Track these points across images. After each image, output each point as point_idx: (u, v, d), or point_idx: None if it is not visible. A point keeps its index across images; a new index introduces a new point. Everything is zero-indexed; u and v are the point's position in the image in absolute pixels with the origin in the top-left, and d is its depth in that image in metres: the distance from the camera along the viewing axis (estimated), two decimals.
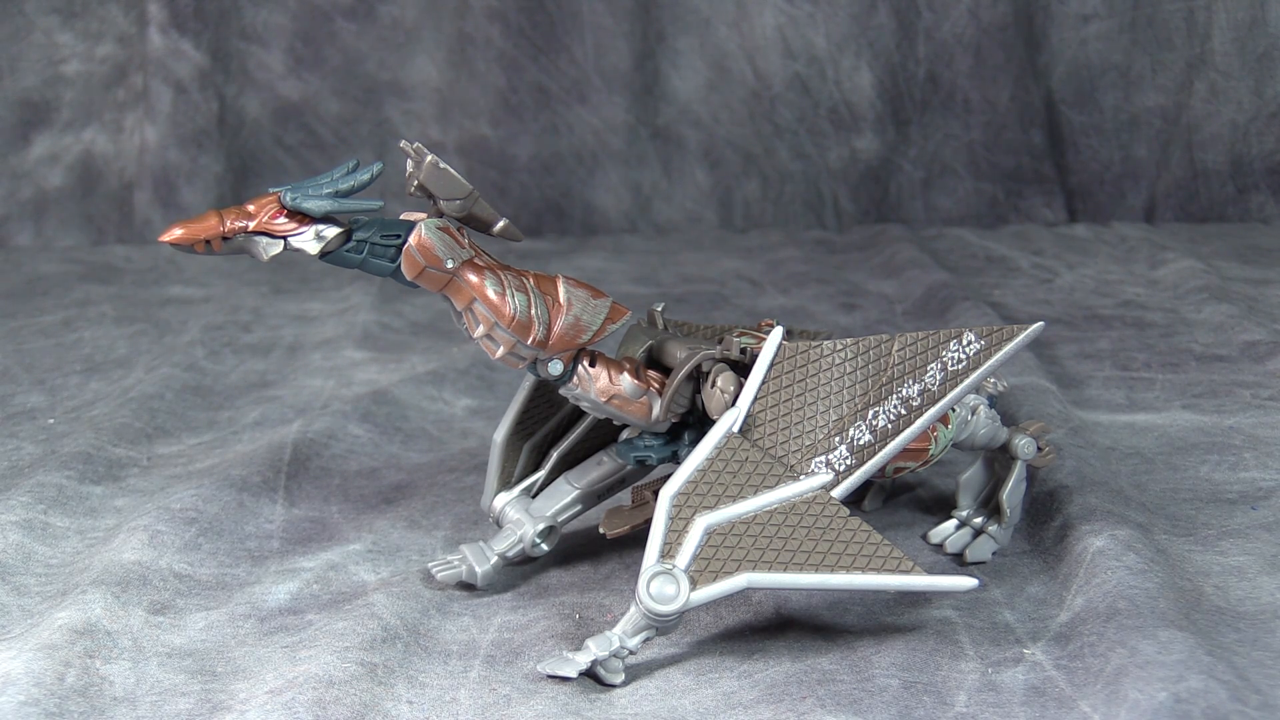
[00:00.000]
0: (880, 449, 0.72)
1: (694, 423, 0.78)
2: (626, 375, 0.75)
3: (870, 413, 0.73)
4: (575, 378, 0.75)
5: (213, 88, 1.93)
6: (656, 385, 0.76)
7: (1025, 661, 0.70)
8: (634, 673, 0.70)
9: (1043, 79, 1.99)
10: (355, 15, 1.96)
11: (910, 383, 0.73)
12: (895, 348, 0.74)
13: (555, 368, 0.75)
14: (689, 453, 0.73)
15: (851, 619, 0.76)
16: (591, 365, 0.75)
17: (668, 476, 0.72)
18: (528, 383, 0.82)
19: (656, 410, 0.76)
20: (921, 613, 0.76)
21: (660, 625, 0.69)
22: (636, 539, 0.75)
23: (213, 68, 1.93)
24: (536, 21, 1.97)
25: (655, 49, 1.99)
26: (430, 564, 0.81)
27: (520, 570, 0.84)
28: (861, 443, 0.72)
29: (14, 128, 1.92)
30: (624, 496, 0.84)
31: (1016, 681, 0.68)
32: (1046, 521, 0.86)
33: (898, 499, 0.94)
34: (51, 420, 1.14)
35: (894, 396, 0.73)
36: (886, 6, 1.97)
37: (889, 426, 0.72)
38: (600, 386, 0.75)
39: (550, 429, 0.85)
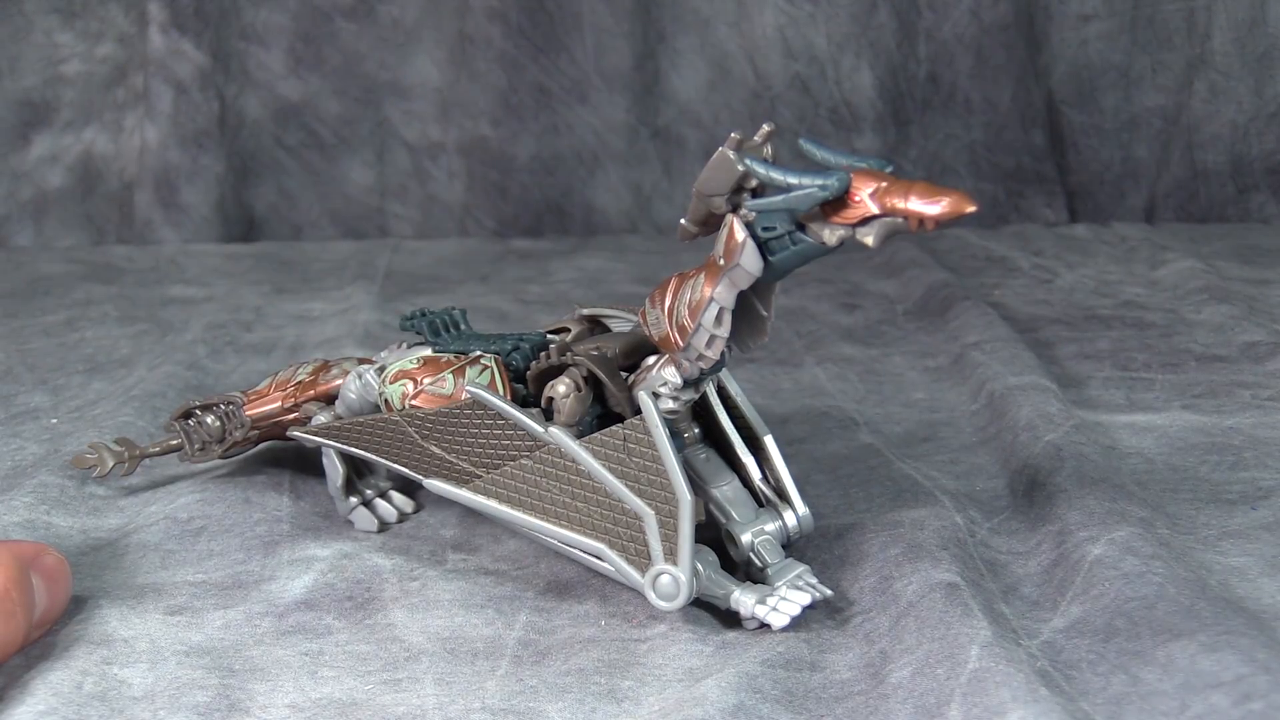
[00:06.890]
0: None
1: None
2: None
3: None
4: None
5: (213, 88, 1.93)
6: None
7: (1023, 648, 0.69)
8: (650, 673, 0.71)
9: (1043, 79, 1.99)
10: (355, 15, 1.96)
11: None
12: None
13: None
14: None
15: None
16: None
17: None
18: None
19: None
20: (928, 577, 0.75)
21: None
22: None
23: (213, 68, 1.93)
24: (536, 21, 1.97)
25: (655, 49, 1.99)
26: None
27: (537, 570, 0.84)
28: None
29: (14, 128, 1.92)
30: None
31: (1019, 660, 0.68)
32: (1042, 525, 0.85)
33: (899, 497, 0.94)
34: (54, 420, 1.14)
35: None
36: (887, 6, 1.97)
37: None
38: None
39: None
